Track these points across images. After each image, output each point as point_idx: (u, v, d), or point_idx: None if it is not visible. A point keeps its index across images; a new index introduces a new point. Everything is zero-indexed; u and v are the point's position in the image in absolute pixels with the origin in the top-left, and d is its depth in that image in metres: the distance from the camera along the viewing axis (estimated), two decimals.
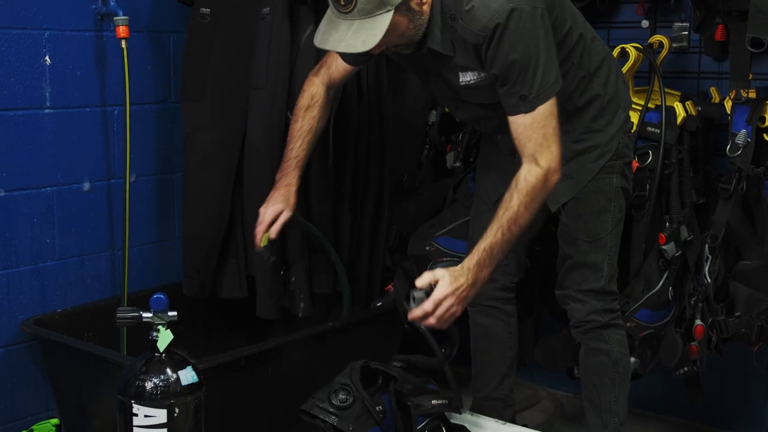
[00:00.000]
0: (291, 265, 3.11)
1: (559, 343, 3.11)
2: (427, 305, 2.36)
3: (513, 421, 3.03)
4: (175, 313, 2.31)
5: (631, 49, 3.08)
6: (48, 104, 3.05)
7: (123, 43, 3.08)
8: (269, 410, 2.88)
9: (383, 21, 2.33)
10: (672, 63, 3.31)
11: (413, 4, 2.40)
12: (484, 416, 2.59)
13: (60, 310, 3.11)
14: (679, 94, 3.11)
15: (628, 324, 2.97)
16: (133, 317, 2.32)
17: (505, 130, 2.51)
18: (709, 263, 2.98)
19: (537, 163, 2.42)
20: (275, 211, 2.79)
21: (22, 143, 2.99)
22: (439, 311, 2.37)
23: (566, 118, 2.67)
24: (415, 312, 2.38)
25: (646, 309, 3.01)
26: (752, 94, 2.97)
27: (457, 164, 3.30)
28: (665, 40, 3.18)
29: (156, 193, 3.40)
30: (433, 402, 2.44)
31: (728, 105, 3.00)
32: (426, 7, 2.43)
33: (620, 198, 2.75)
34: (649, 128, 3.02)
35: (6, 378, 3.02)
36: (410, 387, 2.48)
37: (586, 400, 2.83)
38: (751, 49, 2.86)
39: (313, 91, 2.81)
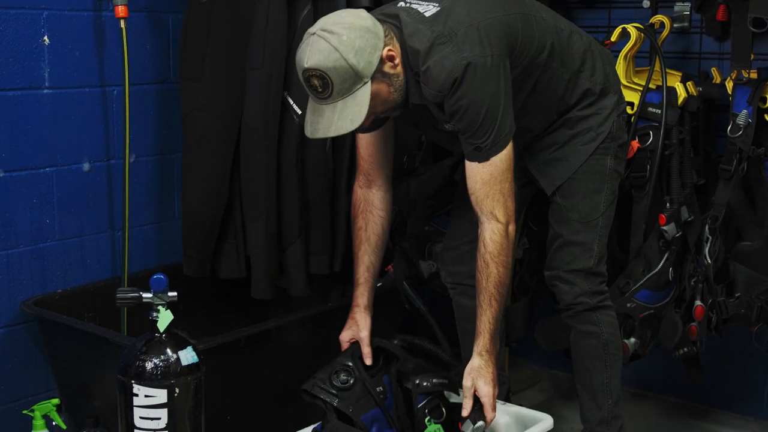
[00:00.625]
0: (288, 246, 3.11)
1: (558, 324, 3.11)
2: (490, 416, 2.45)
3: (507, 398, 3.05)
4: (175, 294, 2.32)
5: (632, 29, 3.07)
6: (47, 84, 3.04)
7: (122, 23, 3.06)
8: (269, 390, 2.89)
9: (364, 94, 2.36)
10: (673, 43, 3.30)
11: (387, 69, 2.42)
12: None
13: (60, 290, 3.12)
14: (680, 74, 3.10)
15: (628, 305, 2.98)
16: (133, 298, 2.33)
17: None
18: (709, 244, 2.98)
19: (497, 219, 2.46)
20: (349, 336, 2.74)
21: (21, 124, 2.99)
22: (492, 406, 2.46)
23: (559, 116, 2.68)
24: None
25: (647, 290, 3.01)
26: (753, 75, 2.96)
27: None
28: (666, 20, 3.17)
29: (156, 173, 3.39)
30: (434, 380, 2.46)
31: (729, 85, 2.99)
32: (399, 68, 2.44)
33: (613, 180, 2.75)
34: (650, 109, 3.01)
35: (6, 358, 3.02)
36: (411, 366, 2.50)
37: (578, 382, 2.83)
38: (752, 29, 2.85)
39: (354, 200, 2.78)
